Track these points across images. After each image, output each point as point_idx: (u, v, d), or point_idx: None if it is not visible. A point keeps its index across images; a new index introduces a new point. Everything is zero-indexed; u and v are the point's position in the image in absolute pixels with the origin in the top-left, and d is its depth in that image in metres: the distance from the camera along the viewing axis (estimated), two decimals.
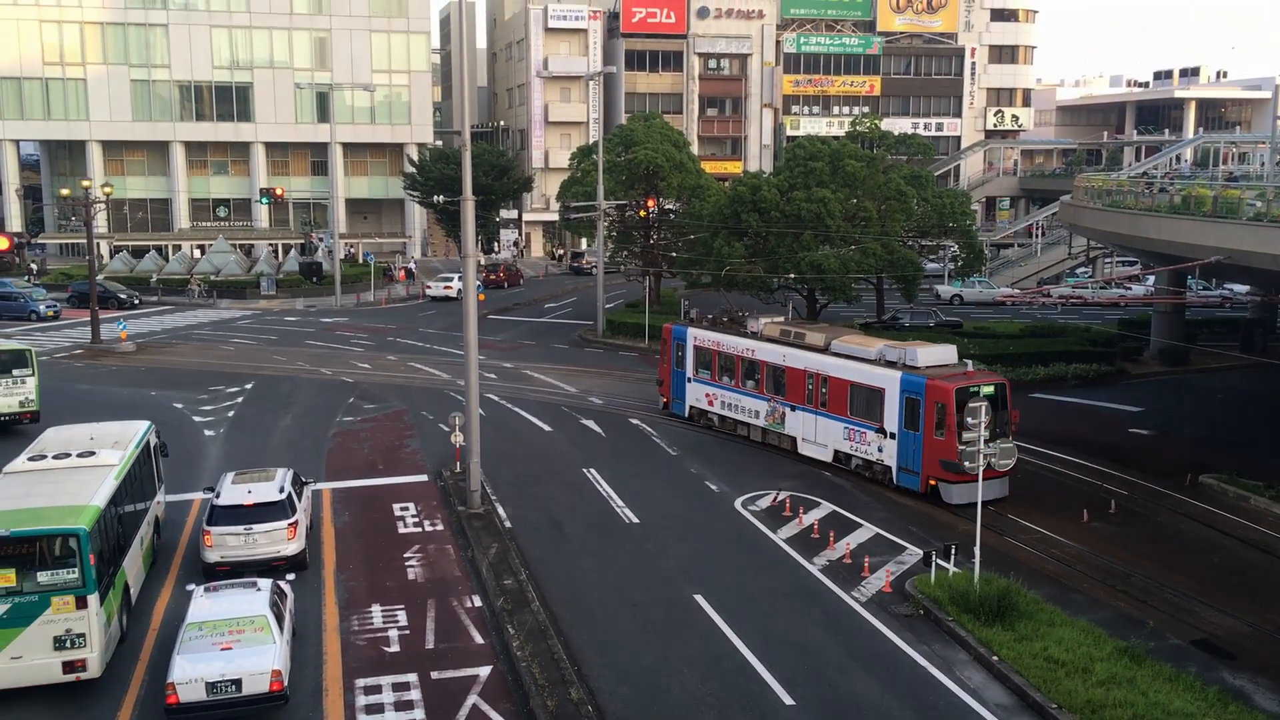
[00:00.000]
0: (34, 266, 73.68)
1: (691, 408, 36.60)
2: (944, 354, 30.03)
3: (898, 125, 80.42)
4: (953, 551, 22.36)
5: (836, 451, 31.28)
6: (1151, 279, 52.11)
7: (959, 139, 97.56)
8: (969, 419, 21.36)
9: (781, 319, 36.84)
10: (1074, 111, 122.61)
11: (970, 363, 30.75)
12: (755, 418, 33.97)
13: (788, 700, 17.71)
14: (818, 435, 31.81)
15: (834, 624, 20.66)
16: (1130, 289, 63.66)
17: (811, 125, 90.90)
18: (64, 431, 24.23)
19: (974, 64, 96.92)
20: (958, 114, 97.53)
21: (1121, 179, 49.11)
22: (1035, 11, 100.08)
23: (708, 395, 35.89)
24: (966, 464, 21.26)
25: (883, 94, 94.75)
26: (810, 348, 32.40)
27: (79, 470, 20.76)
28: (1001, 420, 27.72)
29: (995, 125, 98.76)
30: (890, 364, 29.71)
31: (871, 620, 20.79)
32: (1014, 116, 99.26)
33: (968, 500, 25.97)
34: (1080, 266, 72.02)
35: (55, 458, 21.50)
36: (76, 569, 17.65)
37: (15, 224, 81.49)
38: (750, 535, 25.62)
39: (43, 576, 17.55)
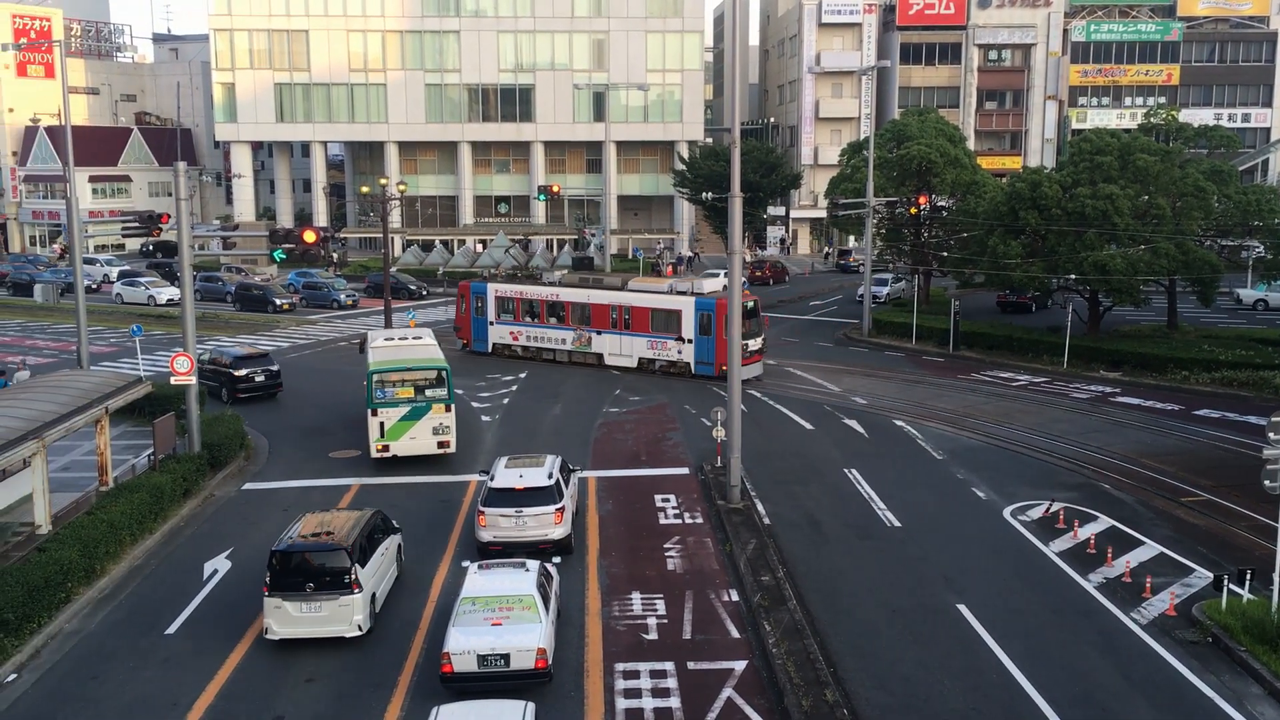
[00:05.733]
0: (335, 257, 79.79)
1: (495, 344, 46.89)
2: (719, 284, 43.12)
3: (1197, 116, 74.70)
4: (1248, 576, 20.60)
5: (640, 359, 43.29)
6: None
7: (1268, 131, 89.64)
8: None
9: (564, 270, 48.70)
10: None
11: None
12: (562, 344, 45.18)
13: None
14: (622, 350, 43.67)
15: (1109, 645, 19.48)
16: None
17: (1100, 117, 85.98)
18: (383, 331, 38.47)
19: None
20: (1268, 103, 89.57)
21: None
22: None
23: (512, 333, 46.57)
24: (1266, 483, 19.63)
25: (1181, 83, 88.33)
26: (610, 287, 44.70)
27: (418, 345, 33.48)
28: (758, 323, 41.64)
29: None
30: (682, 293, 42.37)
31: (1152, 644, 19.47)
32: None
33: (748, 377, 39.83)
34: None
35: (400, 338, 34.33)
36: (444, 389, 30.42)
37: (321, 219, 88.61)
38: (1019, 546, 24.53)
39: (428, 392, 30.31)
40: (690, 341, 41.86)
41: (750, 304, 40.88)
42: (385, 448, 30.18)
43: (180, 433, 30.13)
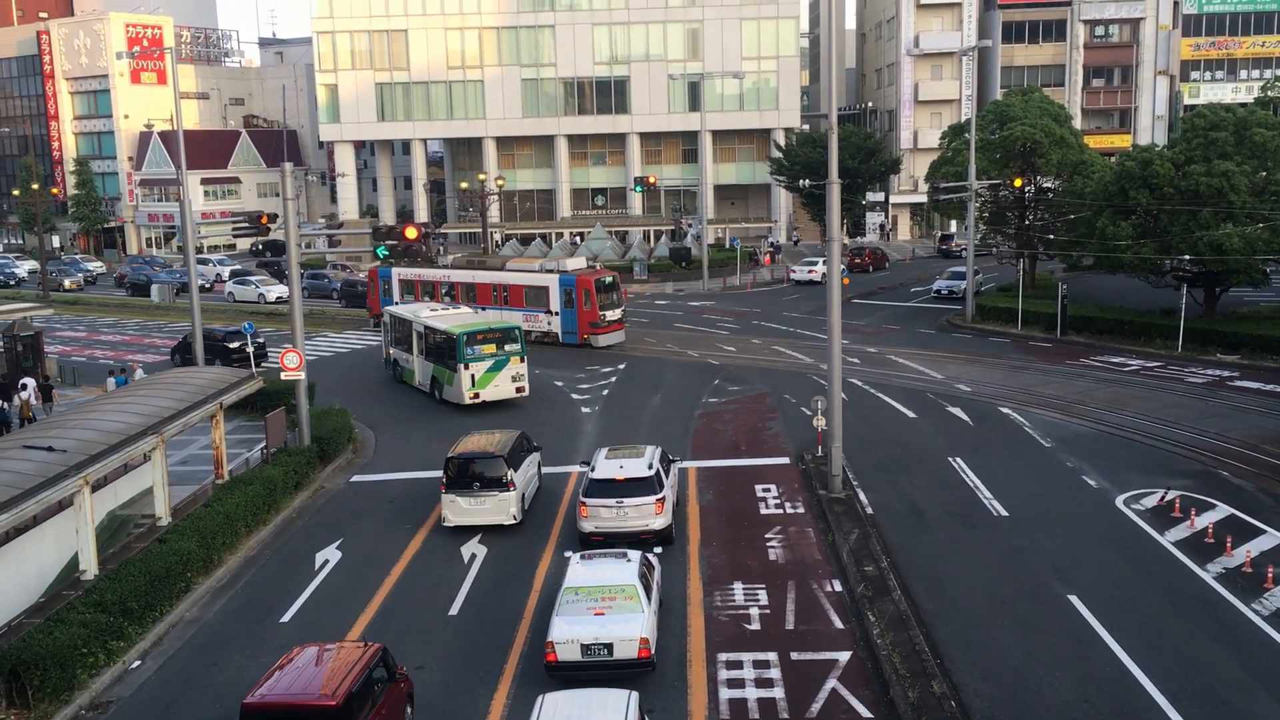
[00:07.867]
0: (437, 253, 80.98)
1: None
2: (581, 263, 49.71)
3: None
4: None
5: None
6: None
7: None
8: None
9: (455, 256, 54.91)
10: None
11: (598, 263, 54.58)
12: None
13: (1174, 716, 16.35)
14: None
15: (1229, 637, 18.83)
16: None
17: (1213, 92, 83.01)
18: (423, 305, 43.14)
19: None
20: None
21: None
22: None
23: None
24: None
25: None
26: (491, 268, 50.37)
27: (464, 313, 39.57)
28: (618, 295, 47.47)
29: None
30: (549, 271, 47.72)
31: (1275, 636, 18.75)
32: None
33: (606, 344, 46.43)
34: None
35: (443, 309, 39.53)
36: (518, 344, 36.43)
37: (422, 215, 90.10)
38: (1133, 535, 23.84)
39: (507, 347, 36.21)
40: (557, 314, 47.17)
41: (609, 279, 47.21)
42: (476, 395, 35.79)
43: (290, 426, 30.95)
